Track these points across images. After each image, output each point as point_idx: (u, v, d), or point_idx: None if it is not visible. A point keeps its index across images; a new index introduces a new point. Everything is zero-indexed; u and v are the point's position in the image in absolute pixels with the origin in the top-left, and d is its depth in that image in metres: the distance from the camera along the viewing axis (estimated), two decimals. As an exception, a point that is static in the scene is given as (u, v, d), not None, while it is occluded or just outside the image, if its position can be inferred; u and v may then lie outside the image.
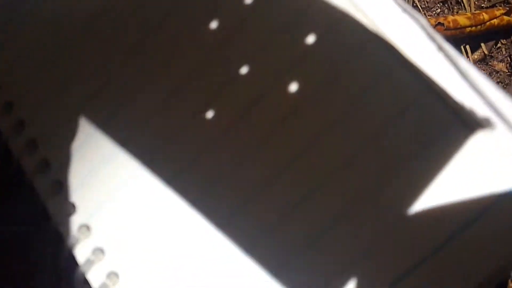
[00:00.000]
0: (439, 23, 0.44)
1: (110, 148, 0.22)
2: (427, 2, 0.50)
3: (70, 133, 0.22)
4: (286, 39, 0.20)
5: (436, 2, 0.50)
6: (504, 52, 0.50)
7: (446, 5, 0.51)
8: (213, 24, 0.21)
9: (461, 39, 0.48)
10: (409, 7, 0.19)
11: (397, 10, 0.19)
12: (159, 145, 0.21)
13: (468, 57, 0.48)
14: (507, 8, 0.48)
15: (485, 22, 0.46)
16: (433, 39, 0.19)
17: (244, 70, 0.21)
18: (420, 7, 0.49)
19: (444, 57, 0.19)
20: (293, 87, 0.20)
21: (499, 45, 0.50)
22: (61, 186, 0.22)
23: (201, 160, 0.21)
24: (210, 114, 0.21)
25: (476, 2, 0.51)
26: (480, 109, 0.18)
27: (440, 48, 0.19)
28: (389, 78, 0.19)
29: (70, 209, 0.22)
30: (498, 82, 0.48)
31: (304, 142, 0.20)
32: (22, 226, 0.24)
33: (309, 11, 0.20)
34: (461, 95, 0.18)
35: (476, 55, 0.49)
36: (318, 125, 0.20)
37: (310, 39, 0.20)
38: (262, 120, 0.20)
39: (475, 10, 0.50)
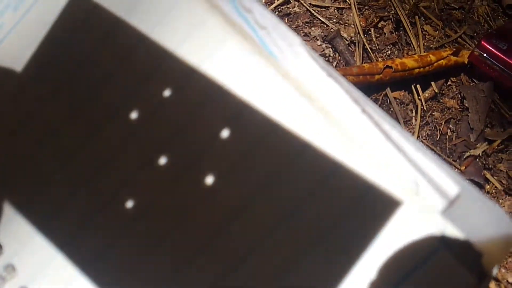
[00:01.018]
0: (387, 66, 0.45)
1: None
2: (377, 44, 0.52)
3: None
4: (201, 125, 0.21)
5: (386, 44, 0.52)
6: (454, 89, 0.52)
7: (396, 47, 0.52)
8: (133, 114, 0.22)
9: (411, 79, 0.49)
10: (334, 71, 0.20)
11: (323, 74, 0.20)
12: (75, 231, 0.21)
13: (419, 96, 0.49)
14: (455, 49, 0.50)
15: (433, 63, 0.48)
16: (357, 102, 0.19)
17: (162, 160, 0.21)
18: (370, 50, 0.51)
19: (367, 118, 0.19)
20: (207, 174, 0.20)
21: (449, 83, 0.52)
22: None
23: (116, 245, 0.21)
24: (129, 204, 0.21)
25: (425, 43, 0.53)
26: (404, 169, 0.18)
27: (364, 111, 0.19)
28: (301, 155, 0.19)
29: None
30: (450, 119, 0.49)
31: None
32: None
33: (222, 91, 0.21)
34: (384, 156, 0.19)
35: (427, 93, 0.50)
36: (233, 207, 0.20)
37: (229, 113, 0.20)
38: (178, 206, 0.20)
39: (424, 51, 0.52)
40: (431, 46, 0.53)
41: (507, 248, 0.18)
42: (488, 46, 0.49)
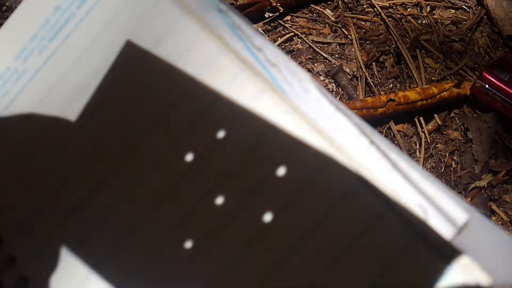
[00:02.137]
0: (390, 99, 0.46)
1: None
2: (379, 78, 0.53)
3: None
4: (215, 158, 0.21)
5: (388, 77, 0.53)
6: (457, 121, 0.53)
7: (398, 80, 0.54)
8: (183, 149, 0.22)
9: (414, 112, 0.50)
10: (342, 105, 0.21)
11: (331, 109, 0.21)
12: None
13: (422, 128, 0.50)
14: (456, 81, 0.51)
15: (435, 96, 0.49)
16: (365, 134, 0.20)
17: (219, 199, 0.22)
18: (372, 84, 0.52)
19: (376, 149, 0.20)
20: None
21: (452, 114, 0.53)
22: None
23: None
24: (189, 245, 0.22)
25: (427, 76, 0.55)
26: (413, 198, 0.19)
27: (372, 142, 0.20)
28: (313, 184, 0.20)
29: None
30: (454, 150, 0.50)
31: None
32: None
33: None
34: (393, 186, 0.19)
35: (431, 125, 0.51)
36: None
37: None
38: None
39: (426, 83, 0.53)
40: (432, 78, 0.54)
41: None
42: (489, 77, 0.50)
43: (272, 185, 0.21)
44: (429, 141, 0.50)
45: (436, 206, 0.19)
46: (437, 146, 0.50)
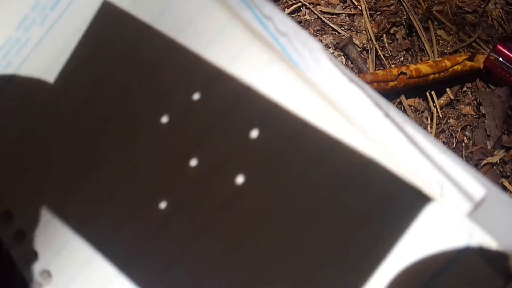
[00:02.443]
0: (402, 72, 0.45)
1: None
2: (390, 51, 0.52)
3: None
4: (229, 126, 0.21)
5: (399, 50, 0.52)
6: (470, 96, 0.51)
7: (410, 53, 0.52)
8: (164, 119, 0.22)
9: (426, 86, 0.49)
10: (355, 77, 0.20)
11: (344, 80, 0.20)
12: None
13: (434, 102, 0.49)
14: (469, 54, 0.50)
15: (448, 69, 0.47)
16: (379, 107, 0.19)
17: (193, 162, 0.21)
18: (383, 56, 0.51)
19: (391, 122, 0.19)
20: (237, 174, 0.21)
21: (464, 89, 0.52)
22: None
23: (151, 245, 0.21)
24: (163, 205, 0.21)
25: (439, 48, 0.53)
26: (428, 173, 0.18)
27: (387, 115, 0.19)
28: (326, 158, 0.19)
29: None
30: (466, 126, 0.49)
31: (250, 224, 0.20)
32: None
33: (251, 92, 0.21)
34: (409, 160, 0.19)
35: (442, 100, 0.50)
36: (265, 204, 0.20)
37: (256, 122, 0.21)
38: (209, 204, 0.21)
39: (438, 56, 0.52)
40: (445, 51, 0.53)
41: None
42: (504, 50, 0.48)
43: (288, 156, 0.20)
44: (440, 116, 0.49)
45: (453, 181, 0.18)
46: (448, 121, 0.49)
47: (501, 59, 0.49)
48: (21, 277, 0.23)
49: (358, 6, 0.54)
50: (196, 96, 0.22)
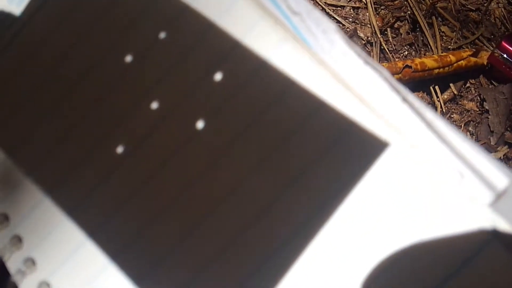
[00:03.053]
0: (407, 65, 0.44)
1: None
2: (394, 44, 0.51)
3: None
4: (247, 102, 0.20)
5: (403, 44, 0.51)
6: (473, 92, 0.51)
7: (413, 47, 0.52)
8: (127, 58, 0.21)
9: (430, 81, 0.48)
10: (371, 59, 0.19)
11: (359, 62, 0.19)
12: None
13: (438, 97, 0.48)
14: (474, 50, 0.49)
15: (453, 64, 0.47)
16: (397, 91, 0.18)
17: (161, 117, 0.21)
18: (387, 50, 0.50)
19: (409, 108, 0.18)
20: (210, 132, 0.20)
21: (468, 85, 0.51)
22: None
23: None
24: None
25: (442, 44, 0.52)
26: (448, 160, 0.17)
27: (405, 100, 0.18)
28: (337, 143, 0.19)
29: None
30: (469, 121, 0.48)
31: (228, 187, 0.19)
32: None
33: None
34: (428, 146, 0.18)
35: (446, 95, 0.49)
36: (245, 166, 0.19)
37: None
38: (182, 170, 0.20)
39: (442, 52, 0.51)
40: (449, 47, 0.52)
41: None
42: (508, 47, 0.48)
43: (301, 138, 0.19)
44: (444, 110, 0.48)
45: (474, 169, 0.17)
46: (452, 116, 0.48)
47: (505, 55, 0.48)
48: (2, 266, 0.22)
49: (363, 0, 0.53)
50: (211, 73, 0.21)
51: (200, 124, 0.20)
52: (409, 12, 0.54)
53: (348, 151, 0.19)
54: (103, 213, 0.21)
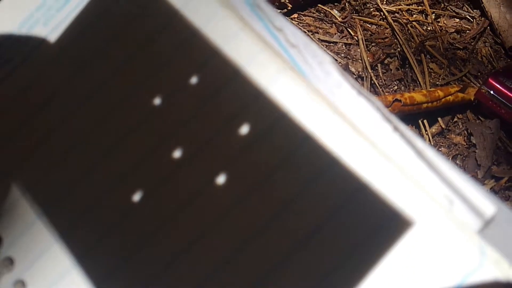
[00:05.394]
0: (397, 99, 0.46)
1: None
2: (384, 79, 0.52)
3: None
4: (235, 131, 0.21)
5: (393, 79, 0.53)
6: (461, 126, 0.52)
7: (403, 83, 0.53)
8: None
9: (419, 114, 0.50)
10: (364, 90, 0.20)
11: (353, 93, 0.20)
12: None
13: (426, 131, 0.50)
14: (461, 86, 0.51)
15: (441, 99, 0.48)
16: (388, 120, 0.19)
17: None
18: (377, 84, 0.51)
19: (400, 137, 0.19)
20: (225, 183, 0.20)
21: (455, 119, 0.53)
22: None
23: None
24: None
25: (431, 80, 0.54)
26: (438, 188, 0.18)
27: (396, 129, 0.19)
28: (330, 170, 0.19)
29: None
30: (457, 155, 0.49)
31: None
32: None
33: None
34: (417, 173, 0.18)
35: (434, 128, 0.50)
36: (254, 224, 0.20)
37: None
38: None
39: (430, 88, 0.53)
40: (437, 83, 0.54)
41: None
42: (495, 84, 0.50)
43: (292, 166, 0.20)
44: (432, 144, 0.49)
45: (463, 197, 0.18)
46: (440, 149, 0.50)
47: (492, 92, 0.50)
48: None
49: (355, 37, 0.55)
50: (205, 101, 0.21)
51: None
52: (398, 49, 0.56)
53: (336, 179, 0.19)
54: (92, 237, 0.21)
